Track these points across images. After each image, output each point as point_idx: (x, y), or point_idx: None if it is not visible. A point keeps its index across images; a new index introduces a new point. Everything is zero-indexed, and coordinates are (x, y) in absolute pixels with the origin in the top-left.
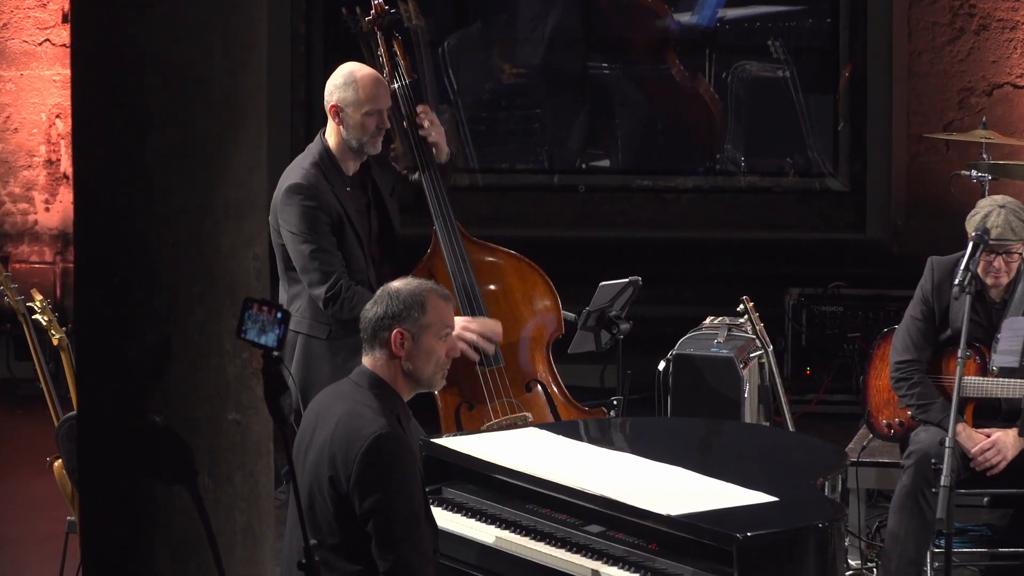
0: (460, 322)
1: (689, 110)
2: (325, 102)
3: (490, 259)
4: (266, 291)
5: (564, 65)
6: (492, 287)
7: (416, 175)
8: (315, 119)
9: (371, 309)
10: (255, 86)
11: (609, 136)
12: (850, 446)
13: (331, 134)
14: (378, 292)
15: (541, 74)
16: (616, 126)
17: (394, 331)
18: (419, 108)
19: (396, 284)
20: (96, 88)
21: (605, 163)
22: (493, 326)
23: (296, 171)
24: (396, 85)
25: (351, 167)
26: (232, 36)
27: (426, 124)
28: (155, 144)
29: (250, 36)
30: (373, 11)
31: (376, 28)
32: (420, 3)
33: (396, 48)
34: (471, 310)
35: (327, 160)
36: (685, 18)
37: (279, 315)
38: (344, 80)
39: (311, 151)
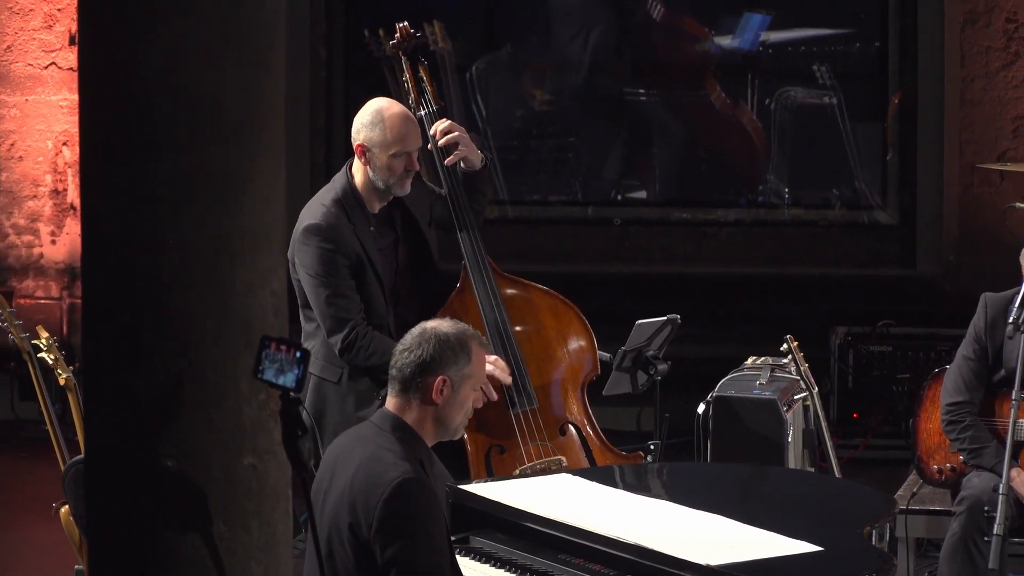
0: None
1: (730, 139)
2: (352, 140)
3: (522, 296)
4: (284, 328)
5: (599, 91)
6: (524, 325)
7: (444, 190)
8: (335, 148)
9: (412, 351)
10: (272, 112)
11: (646, 166)
12: (899, 493)
13: (357, 171)
14: (416, 332)
15: (575, 100)
16: (653, 156)
17: (438, 378)
18: (440, 126)
19: (439, 326)
20: (104, 114)
21: (642, 195)
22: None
23: (316, 209)
24: (422, 112)
25: (376, 206)
26: (247, 59)
27: (453, 133)
28: (166, 173)
29: (267, 59)
30: (398, 34)
31: (401, 52)
32: (447, 25)
33: (422, 73)
34: (503, 349)
35: (350, 197)
36: (726, 42)
37: (298, 354)
38: (371, 119)
39: (334, 186)
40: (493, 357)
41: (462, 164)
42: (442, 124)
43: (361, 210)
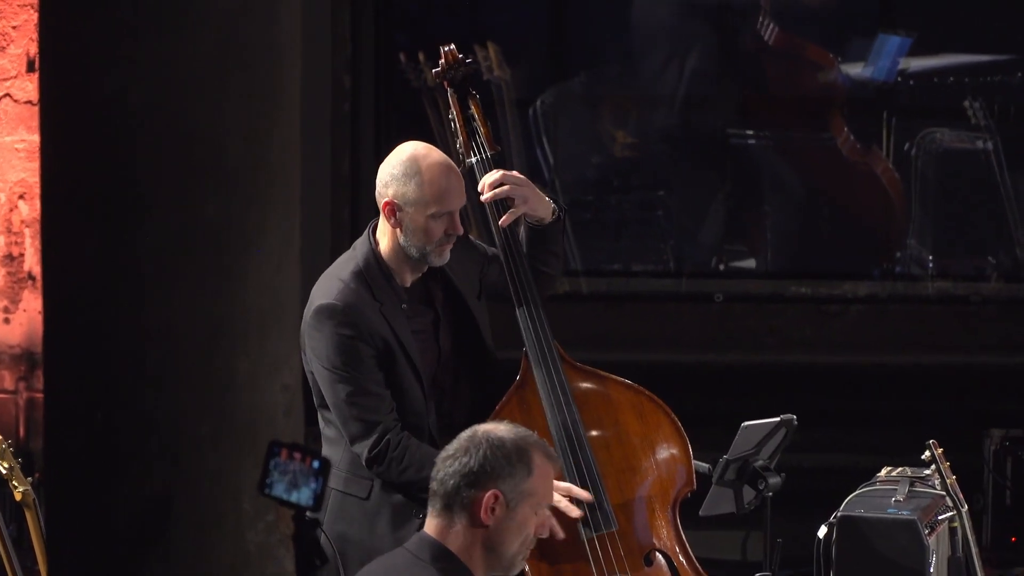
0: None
1: (861, 193)
2: (377, 195)
3: (599, 391)
4: (299, 432)
5: (696, 132)
6: (601, 429)
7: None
8: (363, 202)
9: (458, 458)
10: (283, 157)
11: (755, 227)
12: None
13: (384, 234)
14: (465, 436)
15: (666, 144)
16: (765, 214)
17: (488, 492)
18: (489, 179)
19: (493, 429)
20: (72, 159)
21: (750, 264)
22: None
23: (331, 284)
24: (473, 160)
25: (409, 278)
26: (253, 90)
27: (503, 186)
28: (150, 235)
29: (277, 90)
30: (443, 59)
31: (446, 83)
32: (504, 49)
33: (473, 109)
34: (574, 459)
35: (375, 269)
36: (856, 71)
37: (316, 464)
38: (404, 169)
39: (355, 255)
40: (565, 485)
41: (526, 218)
42: (492, 176)
43: (389, 284)
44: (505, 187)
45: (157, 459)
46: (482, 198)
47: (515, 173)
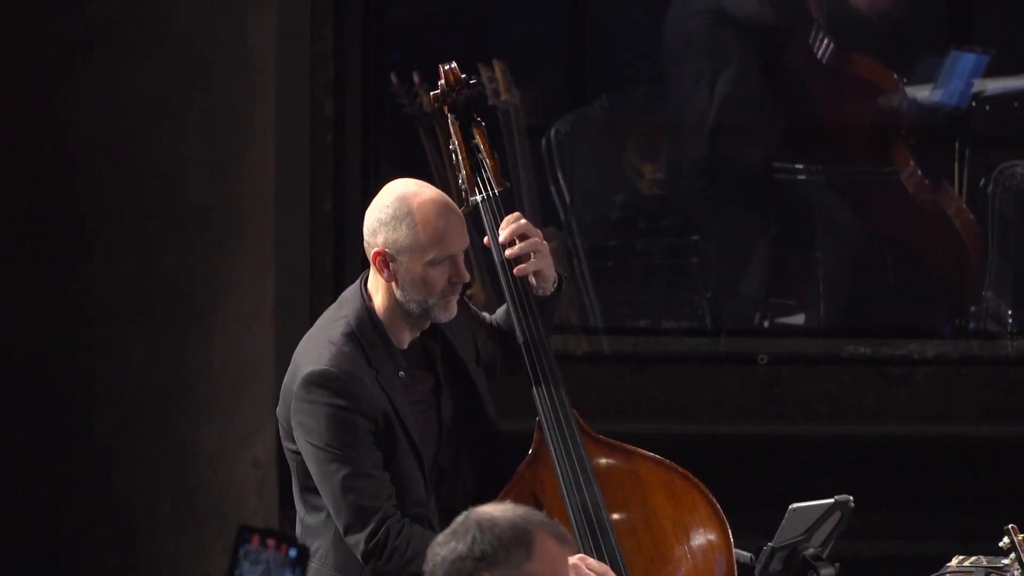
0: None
1: (929, 236)
2: (366, 244)
3: (624, 467)
4: (272, 514)
5: (737, 166)
6: (627, 511)
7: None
8: (348, 247)
9: (446, 545)
10: (255, 194)
11: (806, 277)
12: None
13: (377, 289)
14: (459, 521)
15: (700, 179)
16: (816, 261)
17: None
18: (514, 225)
19: (488, 510)
20: (11, 198)
21: (799, 320)
22: None
23: (321, 348)
24: (478, 198)
25: (407, 338)
26: (219, 117)
27: (531, 239)
28: (99, 284)
29: (247, 117)
30: (442, 80)
31: (446, 107)
32: (513, 67)
33: (478, 139)
34: (595, 546)
35: (369, 330)
36: (923, 93)
37: (292, 554)
38: (393, 211)
39: (344, 313)
40: (577, 556)
41: (531, 280)
42: (516, 224)
43: (385, 347)
44: (533, 239)
45: (109, 544)
46: (508, 252)
47: (531, 226)
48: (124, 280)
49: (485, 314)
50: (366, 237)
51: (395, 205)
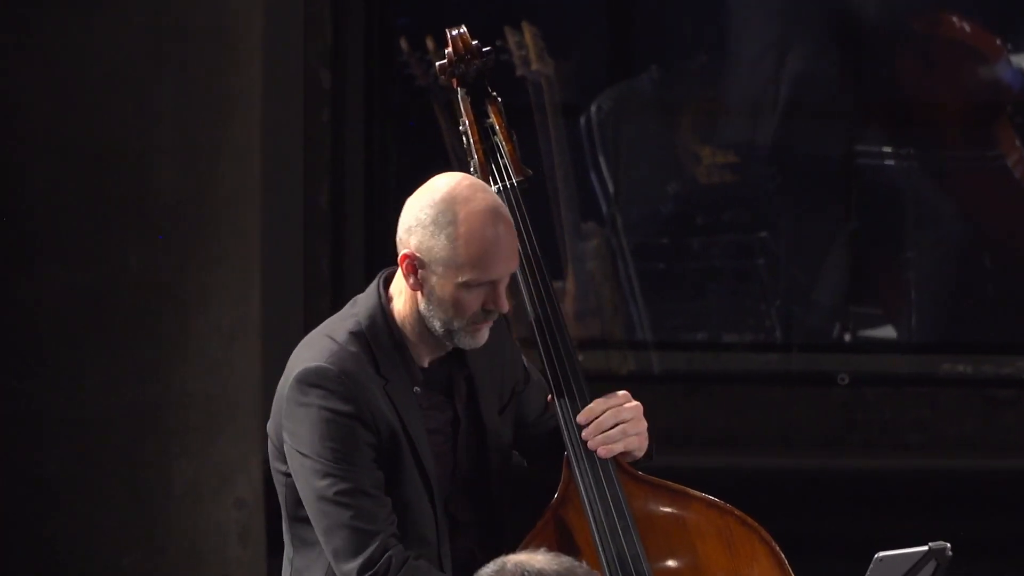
0: None
1: None
2: (398, 240)
3: (670, 512)
4: (259, 564)
5: (811, 150)
6: (674, 559)
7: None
8: (349, 248)
9: None
10: (237, 186)
11: (893, 283)
12: None
13: (400, 293)
14: (491, 568)
15: (768, 166)
16: (906, 264)
17: None
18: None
19: (527, 560)
20: None
21: (886, 333)
22: None
23: (320, 344)
24: (493, 188)
25: (426, 356)
26: (193, 93)
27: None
28: (50, 294)
29: (227, 93)
30: (449, 48)
31: (455, 81)
32: (546, 32)
33: (493, 118)
34: None
35: (383, 333)
36: None
37: None
38: (436, 214)
39: (356, 311)
40: None
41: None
42: (603, 418)
43: (400, 355)
44: (633, 439)
45: None
46: (600, 452)
47: (622, 395)
48: (79, 289)
49: (537, 375)
50: (399, 232)
51: (440, 207)
